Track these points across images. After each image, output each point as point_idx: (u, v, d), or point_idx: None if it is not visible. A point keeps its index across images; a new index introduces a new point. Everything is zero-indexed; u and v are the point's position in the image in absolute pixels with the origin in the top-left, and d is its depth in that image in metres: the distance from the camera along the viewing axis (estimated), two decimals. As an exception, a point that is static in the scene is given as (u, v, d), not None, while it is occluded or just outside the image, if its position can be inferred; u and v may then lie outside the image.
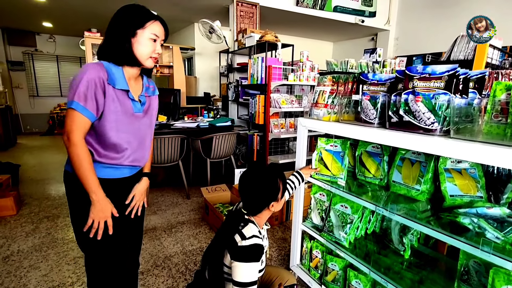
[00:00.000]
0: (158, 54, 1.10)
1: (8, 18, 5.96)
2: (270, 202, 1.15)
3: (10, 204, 2.70)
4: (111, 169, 1.11)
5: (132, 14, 1.05)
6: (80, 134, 0.99)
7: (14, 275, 1.86)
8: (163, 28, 1.09)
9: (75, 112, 0.96)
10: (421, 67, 1.08)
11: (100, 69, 1.00)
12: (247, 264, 1.03)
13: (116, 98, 1.04)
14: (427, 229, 1.08)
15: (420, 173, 1.29)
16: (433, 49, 5.07)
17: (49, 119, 7.63)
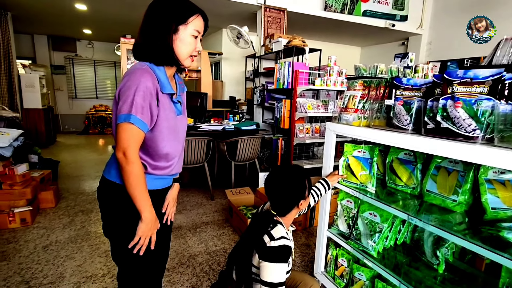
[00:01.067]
0: (198, 52, 0.99)
1: (53, 26, 6.48)
2: (299, 200, 1.17)
3: (50, 198, 2.90)
4: (160, 180, 1.03)
5: (173, 6, 0.92)
6: (137, 150, 0.90)
7: (52, 263, 1.99)
8: (203, 23, 0.98)
9: (133, 126, 0.86)
10: (461, 71, 1.04)
11: (152, 76, 0.90)
12: (275, 264, 1.04)
13: (165, 105, 0.96)
14: (466, 243, 1.02)
15: (458, 183, 1.22)
16: (469, 54, 4.79)
17: (85, 120, 8.13)
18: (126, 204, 0.93)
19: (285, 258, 1.06)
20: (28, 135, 5.34)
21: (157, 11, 0.93)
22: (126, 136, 0.87)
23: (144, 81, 0.87)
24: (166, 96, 0.97)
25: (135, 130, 0.87)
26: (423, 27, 5.59)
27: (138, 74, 0.88)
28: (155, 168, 0.99)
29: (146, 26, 0.94)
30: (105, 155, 5.52)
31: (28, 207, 2.54)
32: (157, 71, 0.94)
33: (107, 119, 8.21)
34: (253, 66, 4.93)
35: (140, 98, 0.86)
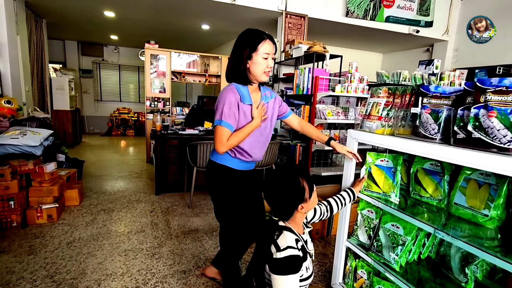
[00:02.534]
0: (270, 68, 1.35)
1: (83, 33, 6.85)
2: (298, 204, 1.08)
3: (75, 196, 3.02)
4: (243, 163, 1.46)
5: (247, 40, 1.32)
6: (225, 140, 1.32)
7: (75, 259, 2.07)
8: (272, 44, 1.34)
9: (222, 127, 1.31)
10: (495, 79, 0.99)
11: (235, 92, 1.33)
12: (284, 277, 1.00)
13: (244, 111, 1.36)
14: (497, 260, 0.96)
15: (490, 197, 1.16)
16: (500, 61, 4.57)
17: (108, 121, 8.46)
18: (223, 176, 1.43)
19: (293, 269, 1.01)
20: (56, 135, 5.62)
21: (236, 46, 1.35)
22: (219, 134, 1.31)
23: (229, 97, 1.31)
24: (247, 106, 1.37)
25: (224, 129, 1.31)
26: (449, 33, 5.40)
27: (224, 93, 1.33)
28: (240, 154, 1.42)
29: (232, 56, 1.37)
30: (126, 156, 5.70)
31: (55, 204, 2.66)
32: (241, 89, 1.36)
33: (129, 122, 8.50)
34: (273, 72, 4.95)
35: (226, 109, 1.30)
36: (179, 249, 2.28)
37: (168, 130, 3.49)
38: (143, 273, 1.94)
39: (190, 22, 5.36)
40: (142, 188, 3.73)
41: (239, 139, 1.36)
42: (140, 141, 7.36)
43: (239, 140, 1.36)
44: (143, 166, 4.91)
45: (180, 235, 2.51)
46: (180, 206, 3.16)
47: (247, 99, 1.37)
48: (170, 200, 3.31)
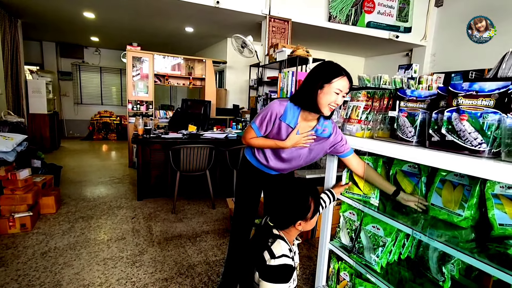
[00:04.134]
0: (336, 105, 1.32)
1: (62, 34, 6.62)
2: (297, 220, 1.07)
3: (51, 203, 2.89)
4: (260, 165, 1.56)
5: (324, 70, 1.31)
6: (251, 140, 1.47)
7: (50, 270, 1.97)
8: (348, 82, 1.30)
9: (251, 128, 1.46)
10: (466, 84, 1.02)
11: (280, 108, 1.38)
12: (275, 285, 0.98)
13: (280, 128, 1.41)
14: (472, 260, 0.98)
15: (464, 197, 1.19)
16: (474, 66, 4.77)
17: (89, 125, 8.20)
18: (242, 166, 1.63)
19: (285, 278, 1.00)
20: (32, 140, 5.39)
21: (311, 74, 1.36)
22: (247, 130, 1.49)
23: (271, 110, 1.40)
24: (288, 126, 1.40)
25: (251, 130, 1.46)
26: (427, 39, 5.60)
27: (273, 104, 1.41)
28: (258, 155, 1.53)
29: (305, 81, 1.38)
30: (107, 160, 5.54)
31: (29, 213, 2.53)
32: (289, 108, 1.39)
33: (111, 125, 8.27)
34: (257, 75, 4.96)
35: (262, 117, 1.42)
36: (161, 256, 2.22)
37: (150, 134, 3.41)
38: (122, 282, 1.88)
39: (173, 25, 5.30)
40: (124, 193, 3.63)
41: (259, 145, 1.48)
42: (123, 145, 7.17)
43: (258, 146, 1.49)
44: (125, 171, 4.78)
45: (162, 241, 2.44)
46: (163, 211, 3.09)
47: (290, 121, 1.39)
48: (153, 206, 3.23)
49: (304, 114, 1.39)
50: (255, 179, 1.61)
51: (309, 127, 1.43)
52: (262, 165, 1.55)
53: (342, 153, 1.50)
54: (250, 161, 1.59)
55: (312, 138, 1.43)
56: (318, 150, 1.49)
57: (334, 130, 1.47)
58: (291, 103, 1.39)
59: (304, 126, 1.42)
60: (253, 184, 1.62)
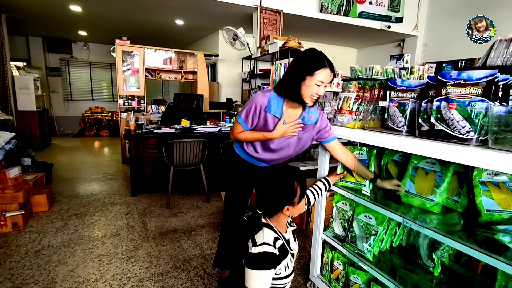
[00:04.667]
0: (318, 96, 1.34)
1: (48, 28, 6.44)
2: (284, 205, 1.09)
3: (43, 201, 2.86)
4: (249, 157, 1.56)
5: (306, 61, 1.30)
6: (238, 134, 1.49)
7: (44, 268, 1.96)
8: (330, 73, 1.31)
9: (237, 122, 1.47)
10: (455, 72, 1.03)
11: (264, 100, 1.39)
12: (256, 272, 1.00)
13: (267, 120, 1.41)
14: (460, 246, 1.01)
15: (436, 183, 1.24)
16: (465, 55, 4.82)
17: (80, 122, 8.07)
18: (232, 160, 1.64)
19: (266, 265, 1.01)
20: (22, 138, 5.29)
21: (294, 65, 1.35)
22: (234, 126, 1.50)
23: (255, 102, 1.41)
24: (272, 116, 1.41)
25: (238, 125, 1.47)
26: (419, 29, 5.61)
27: (256, 96, 1.42)
28: (247, 147, 1.54)
29: (288, 71, 1.38)
30: (100, 157, 5.48)
31: (20, 211, 2.50)
32: (273, 98, 1.40)
33: (103, 121, 8.16)
34: (249, 68, 4.93)
35: (246, 109, 1.43)
36: (156, 251, 2.22)
37: (142, 129, 3.38)
38: (118, 278, 1.88)
39: (163, 17, 5.20)
40: (117, 190, 3.60)
41: (247, 138, 1.48)
42: (115, 141, 7.09)
43: (247, 139, 1.49)
44: (118, 167, 4.74)
45: (157, 236, 2.44)
46: (158, 206, 3.08)
47: (275, 111, 1.40)
48: (147, 201, 3.22)
49: (288, 103, 1.41)
50: (246, 173, 1.61)
51: (295, 115, 1.44)
52: (252, 158, 1.56)
53: (326, 138, 1.52)
54: (240, 154, 1.59)
55: (299, 126, 1.43)
56: (306, 138, 1.50)
57: (320, 116, 1.49)
58: (274, 93, 1.40)
59: (291, 115, 1.43)
60: (244, 178, 1.63)
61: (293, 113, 1.44)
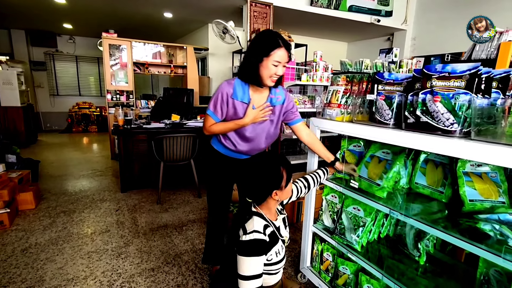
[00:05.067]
0: (277, 76, 1.36)
1: (31, 20, 6.21)
2: (272, 190, 1.12)
3: (30, 199, 2.80)
4: (227, 151, 1.55)
5: (262, 43, 1.32)
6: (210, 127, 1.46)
7: (31, 266, 1.92)
8: (286, 52, 1.32)
9: (208, 115, 1.45)
10: (440, 65, 1.04)
11: (229, 88, 1.40)
12: (248, 258, 1.04)
13: (236, 108, 1.42)
14: (444, 235, 1.03)
15: (385, 170, 1.34)
16: (453, 49, 4.89)
17: (67, 117, 7.88)
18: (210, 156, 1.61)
19: (257, 252, 1.05)
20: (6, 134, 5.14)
21: (250, 48, 1.37)
22: (205, 119, 1.48)
23: (221, 91, 1.41)
24: (240, 103, 1.42)
25: (209, 118, 1.46)
26: (408, 23, 5.66)
27: (221, 85, 1.43)
28: (224, 141, 1.52)
29: (246, 55, 1.39)
30: (88, 153, 5.38)
31: (6, 209, 2.44)
32: (239, 86, 1.42)
33: (91, 117, 7.99)
34: (240, 62, 4.88)
35: (213, 100, 1.43)
36: (147, 246, 2.21)
37: (131, 125, 3.32)
38: (108, 275, 1.86)
39: (151, 9, 5.08)
40: (107, 186, 3.55)
41: (220, 130, 1.46)
42: (104, 137, 6.97)
43: (220, 131, 1.47)
44: (107, 163, 4.66)
45: (148, 232, 2.43)
46: (148, 202, 3.06)
47: (241, 97, 1.41)
48: (137, 197, 3.19)
49: (253, 87, 1.43)
50: (227, 168, 1.60)
51: (263, 98, 1.46)
52: (231, 151, 1.55)
53: (292, 120, 1.58)
54: (218, 150, 1.57)
55: (269, 109, 1.45)
56: (278, 120, 1.54)
57: (287, 97, 1.53)
58: (238, 79, 1.42)
59: (258, 99, 1.45)
60: (225, 173, 1.62)
61: (260, 97, 1.46)
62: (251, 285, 1.04)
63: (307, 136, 1.58)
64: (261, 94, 1.46)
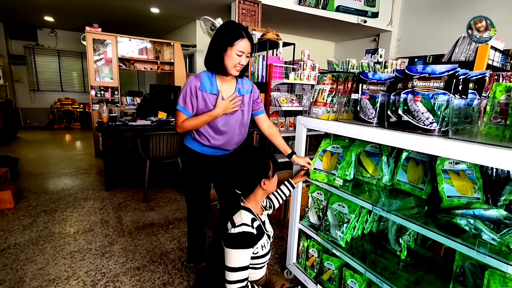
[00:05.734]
0: (242, 66, 1.41)
1: (9, 12, 5.95)
2: (261, 178, 1.17)
3: (8, 197, 2.70)
4: (202, 147, 1.56)
5: (226, 33, 1.37)
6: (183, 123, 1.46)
7: (10, 267, 1.86)
8: (249, 43, 1.38)
9: (179, 111, 1.46)
10: (420, 66, 1.08)
11: (196, 80, 1.43)
12: (236, 250, 1.06)
13: (206, 100, 1.44)
14: (423, 230, 1.07)
15: (338, 161, 1.52)
16: (436, 50, 5.05)
17: (49, 114, 7.62)
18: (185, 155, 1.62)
19: (245, 244, 1.08)
20: (-17, 131, 4.92)
21: (215, 37, 1.40)
22: (176, 116, 1.48)
23: (189, 84, 1.44)
24: (210, 94, 1.45)
25: (180, 113, 1.47)
26: (393, 24, 5.79)
27: (188, 80, 1.46)
28: (199, 137, 1.53)
29: (210, 45, 1.43)
30: (71, 151, 5.22)
31: (-18, 209, 2.34)
32: (206, 78, 1.45)
33: (74, 113, 7.76)
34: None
35: (184, 95, 1.44)
36: (132, 245, 2.18)
37: (116, 122, 3.25)
38: (91, 274, 1.83)
39: (137, 4, 4.97)
40: (91, 184, 3.47)
41: (194, 124, 1.46)
42: (88, 135, 6.79)
43: (194, 126, 1.47)
44: (91, 161, 4.55)
45: (133, 231, 2.39)
46: (134, 201, 3.01)
47: (210, 89, 1.45)
48: (123, 196, 3.13)
49: (220, 78, 1.47)
50: (203, 166, 1.61)
51: (231, 89, 1.51)
52: (207, 147, 1.56)
53: (257, 110, 1.65)
54: (193, 148, 1.57)
55: (238, 99, 1.50)
56: (249, 109, 1.60)
57: (253, 86, 1.61)
58: (204, 72, 1.46)
59: (227, 90, 1.49)
60: (202, 171, 1.62)
61: (228, 88, 1.50)
62: (238, 276, 1.06)
63: (268, 127, 1.66)
64: (229, 84, 1.50)
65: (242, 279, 1.08)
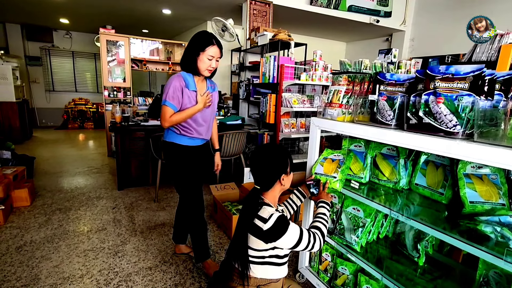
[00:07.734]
0: (212, 68, 1.65)
1: (27, 15, 6.12)
2: (281, 174, 1.19)
3: (25, 196, 2.76)
4: (188, 139, 1.72)
5: (199, 40, 1.60)
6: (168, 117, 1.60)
7: (26, 265, 1.90)
8: (218, 49, 1.62)
9: (166, 106, 1.59)
10: (443, 67, 1.04)
11: (180, 79, 1.61)
12: (285, 235, 1.09)
13: (189, 96, 1.63)
14: (446, 237, 1.03)
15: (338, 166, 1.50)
16: (450, 51, 4.92)
17: (63, 114, 7.80)
18: (171, 151, 1.73)
19: (287, 224, 1.11)
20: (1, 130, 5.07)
21: (190, 44, 1.63)
22: (163, 112, 1.61)
23: (174, 83, 1.59)
24: (192, 91, 1.64)
25: (168, 108, 1.60)
26: (406, 24, 5.68)
27: (172, 79, 1.61)
28: (184, 131, 1.69)
29: (186, 50, 1.64)
30: (84, 150, 5.32)
31: (0, 206, 2.40)
32: (187, 77, 1.64)
33: (88, 113, 7.92)
34: (239, 60, 4.87)
35: (171, 92, 1.59)
36: (144, 245, 2.19)
37: (129, 122, 3.29)
38: (104, 273, 1.85)
39: (149, 6, 5.03)
40: (103, 183, 3.52)
41: (181, 118, 1.62)
42: (100, 134, 6.91)
43: (181, 119, 1.63)
44: (104, 160, 4.62)
45: (145, 230, 2.41)
46: (145, 200, 3.04)
47: (192, 86, 1.64)
48: (134, 195, 3.17)
49: (196, 78, 1.68)
50: (190, 157, 1.75)
51: (204, 87, 1.74)
52: (190, 139, 1.73)
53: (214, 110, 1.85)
54: (176, 142, 1.71)
55: (211, 95, 1.74)
56: (215, 104, 1.83)
57: (215, 85, 1.86)
58: (182, 73, 1.65)
59: (201, 88, 1.71)
60: (191, 162, 1.76)
61: (202, 86, 1.73)
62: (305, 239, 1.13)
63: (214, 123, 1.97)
64: (202, 83, 1.73)
65: (308, 237, 1.14)
